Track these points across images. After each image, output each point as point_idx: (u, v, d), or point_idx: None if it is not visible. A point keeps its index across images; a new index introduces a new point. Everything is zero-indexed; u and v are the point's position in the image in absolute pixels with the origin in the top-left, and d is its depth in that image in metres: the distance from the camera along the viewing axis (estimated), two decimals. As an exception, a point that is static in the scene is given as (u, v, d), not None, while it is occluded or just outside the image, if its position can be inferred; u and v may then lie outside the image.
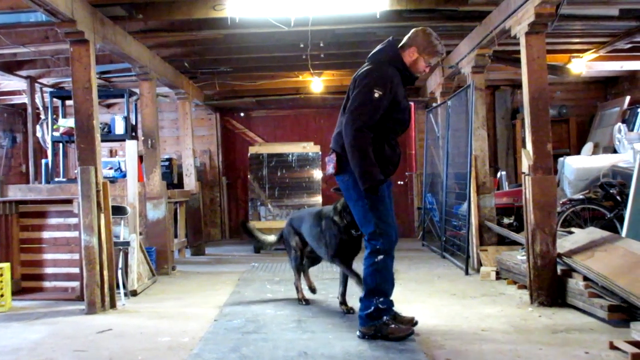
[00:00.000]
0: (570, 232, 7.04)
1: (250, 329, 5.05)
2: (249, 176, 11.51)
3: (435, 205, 10.54)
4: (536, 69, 6.03)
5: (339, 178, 4.79)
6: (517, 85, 12.29)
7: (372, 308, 4.60)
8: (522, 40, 6.12)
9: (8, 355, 4.42)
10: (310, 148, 11.52)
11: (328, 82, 11.53)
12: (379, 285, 4.62)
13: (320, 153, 11.42)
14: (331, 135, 4.91)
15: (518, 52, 6.38)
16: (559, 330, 4.85)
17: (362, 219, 4.72)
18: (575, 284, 5.49)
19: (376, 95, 4.50)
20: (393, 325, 4.60)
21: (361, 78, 4.64)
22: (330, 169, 4.79)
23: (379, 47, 4.87)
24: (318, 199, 11.19)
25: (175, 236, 9.81)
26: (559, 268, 5.81)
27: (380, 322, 4.59)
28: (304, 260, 6.20)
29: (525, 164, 6.01)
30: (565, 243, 6.22)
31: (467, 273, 7.75)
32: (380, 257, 4.59)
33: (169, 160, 11.34)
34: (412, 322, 4.80)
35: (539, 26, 5.95)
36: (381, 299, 4.60)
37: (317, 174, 11.32)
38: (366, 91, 4.53)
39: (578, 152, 11.10)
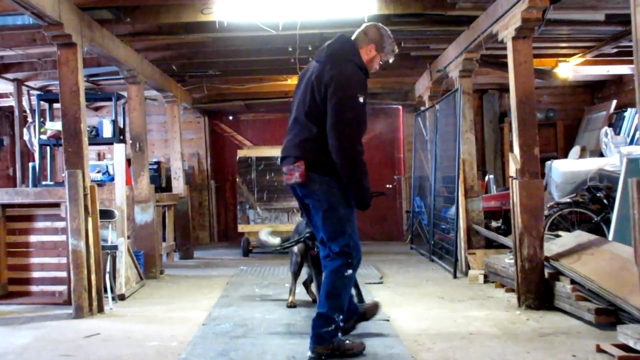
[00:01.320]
0: (558, 236, 7.08)
1: (238, 333, 5.04)
2: (237, 179, 11.48)
3: (424, 208, 10.57)
4: (523, 73, 6.06)
5: (305, 188, 4.33)
6: (504, 89, 12.32)
7: (334, 326, 4.23)
8: (509, 45, 6.15)
9: (-6, 361, 4.39)
10: (299, 151, 11.50)
11: (317, 85, 11.51)
12: (343, 301, 4.31)
13: (308, 156, 11.42)
14: None
15: (505, 56, 6.42)
16: (547, 333, 4.87)
17: (334, 231, 4.29)
18: (563, 287, 5.52)
19: (361, 100, 4.21)
20: (348, 342, 4.34)
21: (339, 81, 4.21)
22: (296, 178, 4.28)
23: (333, 44, 4.43)
24: (307, 202, 11.19)
25: (164, 240, 9.78)
26: (547, 271, 5.84)
27: (337, 339, 4.26)
28: (302, 268, 6.19)
29: (513, 167, 6.04)
30: (552, 246, 6.26)
31: (455, 276, 7.77)
32: (350, 271, 4.28)
33: (157, 163, 11.30)
34: (377, 307, 5.00)
35: (525, 31, 5.98)
36: (341, 316, 4.30)
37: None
38: (354, 100, 4.20)
39: (565, 156, 11.15)
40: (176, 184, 10.83)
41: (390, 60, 4.70)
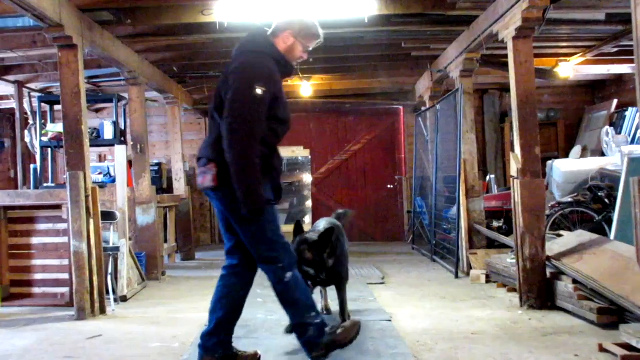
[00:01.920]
0: (559, 235, 7.08)
1: (240, 334, 5.02)
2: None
3: (425, 209, 10.57)
4: (524, 73, 6.06)
5: (219, 192, 3.97)
6: (505, 89, 12.36)
7: (312, 328, 3.97)
8: (510, 45, 6.16)
9: (-3, 362, 4.40)
10: (300, 152, 11.54)
11: (317, 86, 11.55)
12: (302, 300, 4.02)
13: (309, 157, 11.43)
14: (321, 140, 4.75)
15: (506, 56, 6.42)
16: (549, 333, 4.87)
17: (255, 237, 3.98)
18: (565, 286, 5.52)
19: (259, 92, 3.81)
20: (339, 331, 4.05)
21: (236, 74, 3.91)
22: (208, 181, 3.93)
23: (246, 37, 4.18)
24: (308, 203, 11.21)
25: (165, 241, 9.78)
26: (548, 271, 5.84)
27: (326, 337, 3.98)
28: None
29: (514, 167, 6.04)
30: (554, 246, 6.25)
31: (457, 276, 7.77)
32: (289, 274, 3.98)
33: (159, 165, 11.31)
34: (255, 357, 4.25)
35: (526, 31, 5.99)
36: (312, 314, 3.99)
37: (307, 178, 11.33)
38: (246, 90, 3.82)
39: (566, 156, 11.16)
40: (177, 185, 10.84)
41: (311, 47, 4.28)
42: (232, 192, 3.84)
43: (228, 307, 4.12)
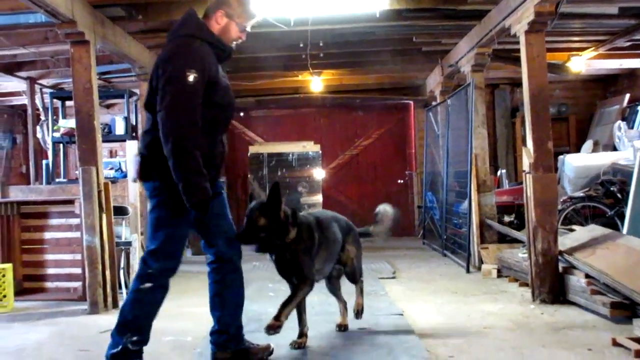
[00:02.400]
0: (571, 230, 7.06)
1: (252, 328, 5.03)
2: (249, 176, 11.51)
3: (436, 203, 10.55)
4: (536, 67, 6.04)
5: (145, 185, 3.92)
6: (516, 83, 12.30)
7: (120, 347, 3.70)
8: (522, 39, 6.13)
9: (12, 356, 4.43)
10: (310, 147, 11.53)
11: (328, 81, 11.54)
12: (136, 319, 3.75)
13: (320, 152, 11.43)
14: (331, 135, 4.69)
15: (518, 50, 6.40)
16: (561, 327, 4.86)
17: (151, 232, 3.84)
18: (577, 281, 5.50)
19: (190, 78, 3.59)
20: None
21: (165, 61, 3.70)
22: (133, 173, 3.90)
23: (178, 21, 3.97)
24: (318, 197, 11.21)
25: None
26: (561, 265, 5.83)
27: None
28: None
29: (526, 162, 6.02)
30: (566, 241, 6.23)
31: (468, 271, 7.76)
32: (148, 285, 3.75)
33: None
34: (268, 350, 4.24)
35: (538, 25, 5.96)
36: (134, 338, 3.73)
37: (318, 173, 11.33)
38: (177, 77, 3.61)
39: (578, 150, 11.11)
40: (188, 181, 10.83)
41: (249, 26, 4.05)
42: (154, 186, 3.80)
43: (223, 303, 4.12)
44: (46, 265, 7.06)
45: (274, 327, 4.09)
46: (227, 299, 4.11)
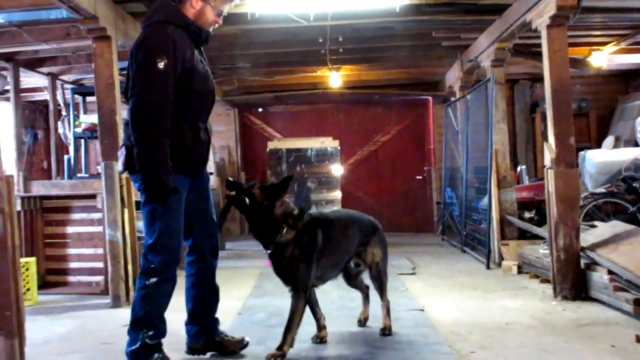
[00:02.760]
0: (593, 226, 6.99)
1: (273, 323, 5.07)
2: (267, 171, 11.52)
3: (455, 199, 10.51)
4: (558, 61, 6.00)
5: (132, 177, 3.91)
6: (536, 79, 12.23)
7: (139, 344, 3.77)
8: (544, 33, 6.09)
9: (38, 348, 4.47)
10: (329, 143, 11.52)
11: (346, 77, 11.54)
12: (147, 314, 3.80)
13: (339, 148, 11.42)
14: (350, 131, 4.63)
15: (538, 45, 6.37)
16: (584, 323, 4.83)
17: (146, 227, 3.85)
18: (600, 277, 5.46)
19: (160, 66, 3.54)
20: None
21: (136, 50, 3.67)
22: (120, 165, 3.88)
23: (151, 7, 3.94)
24: (337, 194, 11.20)
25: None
26: (583, 262, 5.78)
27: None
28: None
29: (548, 157, 5.98)
30: (588, 237, 6.19)
31: (488, 267, 7.74)
32: (154, 279, 3.78)
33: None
34: (242, 343, 4.24)
35: (560, 19, 5.92)
36: (150, 332, 3.79)
37: (336, 169, 11.33)
38: (146, 64, 3.58)
39: (599, 146, 11.02)
40: (208, 176, 10.88)
41: (225, 10, 4.03)
42: (137, 178, 3.77)
43: (194, 297, 4.16)
44: (69, 260, 7.13)
45: (275, 357, 3.99)
46: (198, 293, 4.17)
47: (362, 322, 4.90)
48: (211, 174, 10.42)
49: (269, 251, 4.16)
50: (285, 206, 4.16)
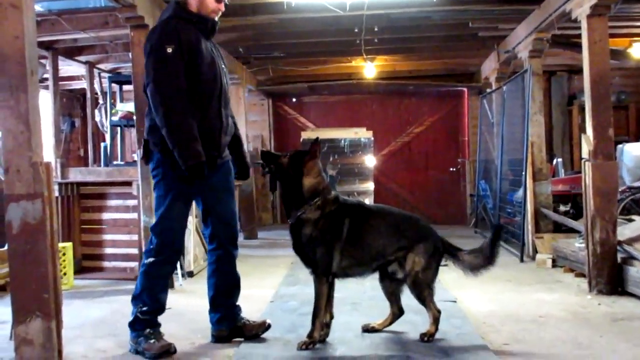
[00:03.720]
0: (631, 220, 6.88)
1: (305, 311, 5.07)
2: (301, 161, 11.53)
3: (489, 192, 10.42)
4: (598, 52, 5.89)
5: (150, 166, 4.19)
6: (574, 70, 12.03)
7: (133, 317, 4.07)
8: (584, 23, 5.98)
9: (74, 330, 4.56)
10: (362, 134, 11.51)
11: (381, 67, 11.49)
12: (143, 291, 4.04)
13: (372, 139, 11.39)
14: (384, 122, 4.59)
15: (577, 36, 6.26)
16: (620, 318, 4.76)
17: (155, 210, 4.15)
18: (636, 272, 5.38)
19: (169, 51, 3.80)
20: (151, 341, 3.99)
21: (146, 44, 3.97)
22: (140, 155, 4.19)
23: (162, 10, 4.26)
24: (370, 185, 11.19)
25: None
26: (619, 256, 5.70)
27: (142, 334, 4.02)
28: None
29: (585, 149, 5.89)
30: (625, 231, 6.08)
31: (522, 260, 7.66)
32: (152, 259, 4.03)
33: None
34: (264, 326, 4.33)
35: (601, 8, 5.81)
36: (144, 308, 4.03)
37: (369, 160, 11.31)
38: (157, 52, 3.85)
39: (638, 139, 10.82)
40: (241, 166, 10.94)
41: None
42: (153, 166, 4.06)
43: (215, 285, 4.33)
44: (104, 245, 7.25)
45: (306, 345, 4.02)
46: (218, 281, 4.32)
47: (367, 328, 4.48)
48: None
49: (290, 222, 4.18)
50: (317, 180, 4.16)
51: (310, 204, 4.09)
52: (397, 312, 4.50)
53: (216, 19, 4.16)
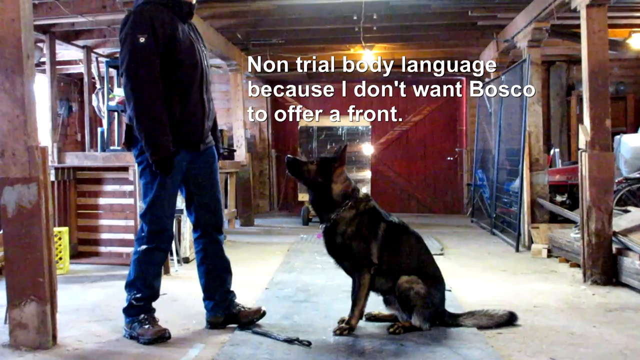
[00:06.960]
0: (627, 211, 6.89)
1: (301, 298, 5.11)
2: (298, 149, 11.54)
3: (486, 181, 10.43)
4: (597, 42, 5.88)
5: (132, 152, 4.10)
6: (572, 60, 12.02)
7: (127, 303, 4.06)
8: (583, 13, 5.96)
9: (69, 315, 4.56)
10: (361, 121, 11.47)
11: (380, 55, 11.44)
12: (136, 278, 4.04)
13: (370, 127, 11.37)
14: (381, 109, 4.58)
15: (576, 25, 6.25)
16: (614, 308, 4.78)
17: (142, 197, 4.11)
18: (631, 263, 5.39)
19: (142, 40, 3.74)
20: (146, 326, 3.98)
21: (120, 33, 3.91)
22: (122, 141, 4.20)
23: None
24: (367, 173, 11.18)
25: (225, 207, 9.92)
26: (614, 247, 5.71)
27: (136, 320, 4.01)
28: None
29: (582, 140, 5.89)
30: (621, 222, 6.10)
31: (517, 250, 7.68)
32: (143, 247, 4.02)
33: (220, 131, 11.40)
34: (259, 313, 4.32)
35: (601, -2, 5.80)
36: (138, 295, 4.02)
37: (367, 148, 11.29)
38: (129, 41, 3.78)
39: (635, 131, 10.79)
40: (238, 152, 10.95)
41: None
42: (136, 153, 3.99)
43: (205, 272, 4.35)
44: (100, 230, 7.22)
45: (342, 331, 4.04)
46: (207, 268, 4.35)
47: (369, 316, 4.43)
48: (234, 151, 10.52)
49: (323, 226, 4.22)
50: (346, 184, 4.22)
51: (343, 206, 4.15)
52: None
53: (193, 1, 4.11)
